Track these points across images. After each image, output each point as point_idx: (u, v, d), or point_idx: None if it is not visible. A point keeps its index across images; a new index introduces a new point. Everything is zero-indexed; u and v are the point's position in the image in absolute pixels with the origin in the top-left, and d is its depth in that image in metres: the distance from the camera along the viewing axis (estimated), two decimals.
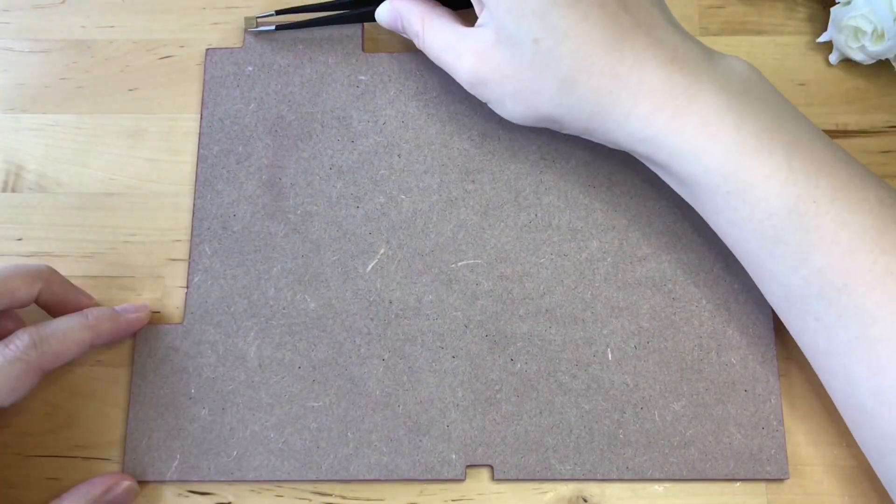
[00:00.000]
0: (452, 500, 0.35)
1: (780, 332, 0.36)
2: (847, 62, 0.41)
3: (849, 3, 0.38)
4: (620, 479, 0.35)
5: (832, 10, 0.39)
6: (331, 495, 0.35)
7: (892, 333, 0.29)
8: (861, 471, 0.35)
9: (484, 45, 0.34)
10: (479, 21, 0.35)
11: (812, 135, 0.31)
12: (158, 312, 0.37)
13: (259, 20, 0.40)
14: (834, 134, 0.40)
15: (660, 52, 0.31)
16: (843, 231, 0.29)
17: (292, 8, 0.41)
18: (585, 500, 0.35)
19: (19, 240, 0.39)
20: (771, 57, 0.41)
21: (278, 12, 0.40)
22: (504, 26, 0.33)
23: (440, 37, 0.36)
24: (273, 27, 0.40)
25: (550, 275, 0.37)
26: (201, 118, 0.40)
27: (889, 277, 0.29)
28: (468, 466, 0.35)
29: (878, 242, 0.29)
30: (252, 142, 0.39)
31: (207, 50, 0.41)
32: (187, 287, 0.37)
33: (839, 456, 0.35)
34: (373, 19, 0.39)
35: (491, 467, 0.35)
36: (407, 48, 0.41)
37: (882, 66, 0.40)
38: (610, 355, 0.36)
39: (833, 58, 0.40)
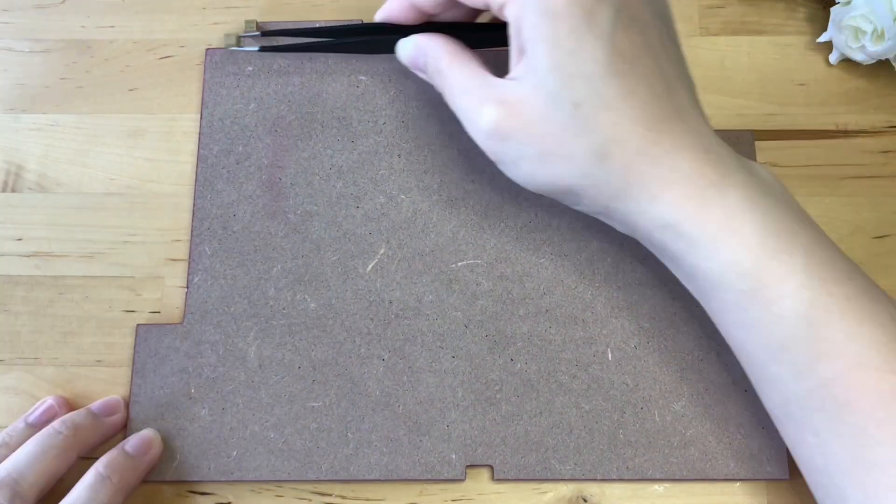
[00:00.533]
0: (452, 500, 0.35)
1: None
2: (847, 62, 0.41)
3: (849, 3, 0.38)
4: (620, 480, 0.35)
5: (832, 10, 0.39)
6: (331, 495, 0.35)
7: (891, 459, 0.28)
8: None
9: (515, 98, 0.31)
10: (513, 73, 0.32)
11: (828, 244, 0.31)
12: (158, 312, 0.37)
13: (243, 38, 0.40)
14: (834, 134, 0.40)
15: (695, 141, 0.31)
16: (852, 344, 0.28)
17: (280, 31, 0.40)
18: (585, 500, 0.35)
19: (19, 240, 0.39)
20: (771, 57, 0.41)
21: (265, 33, 0.40)
22: (546, 83, 0.30)
23: (466, 78, 0.33)
24: (257, 48, 0.40)
25: (550, 275, 0.37)
26: (201, 118, 0.40)
27: (894, 399, 0.28)
28: (468, 466, 0.35)
29: (887, 360, 0.28)
30: (252, 142, 0.39)
31: (207, 50, 0.41)
32: (187, 287, 0.37)
33: None
34: (365, 50, 0.39)
35: (491, 467, 0.35)
36: None
37: (882, 66, 0.40)
38: (610, 355, 0.36)
39: (833, 58, 0.40)
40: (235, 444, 0.35)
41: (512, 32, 0.32)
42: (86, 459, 0.34)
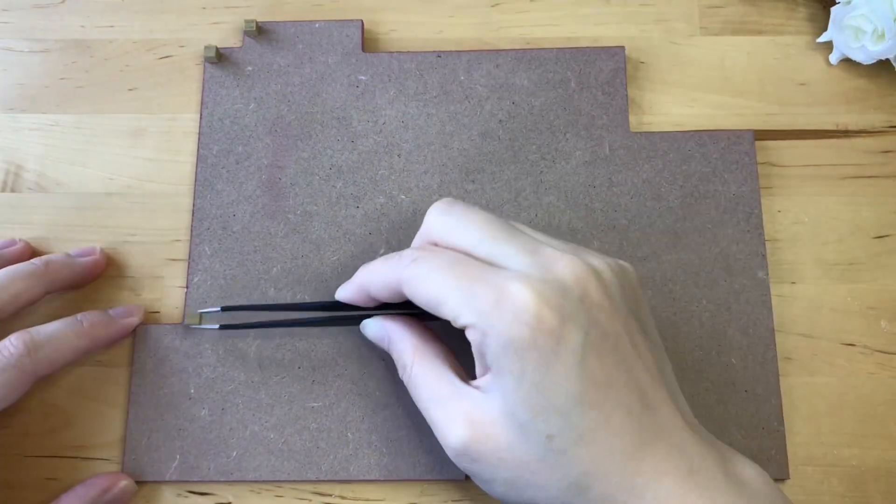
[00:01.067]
0: (452, 501, 0.35)
1: (780, 332, 0.36)
2: (847, 62, 0.41)
3: (849, 3, 0.38)
4: None
5: (832, 9, 0.39)
6: (331, 495, 0.35)
7: None
8: (862, 471, 0.35)
9: (483, 418, 0.29)
10: (480, 381, 0.30)
11: None
12: (158, 312, 0.37)
13: (203, 315, 0.36)
14: (834, 134, 0.40)
15: (679, 463, 0.28)
16: None
17: (245, 306, 0.36)
18: None
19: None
20: (771, 57, 0.41)
21: (225, 309, 0.36)
22: (515, 413, 0.28)
23: (430, 383, 0.31)
24: (216, 326, 0.36)
25: None
26: (201, 118, 0.40)
27: None
28: None
29: None
30: (252, 142, 0.39)
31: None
32: (187, 287, 0.37)
33: (839, 456, 0.35)
34: (330, 324, 0.36)
35: None
36: (407, 48, 0.41)
37: (882, 66, 0.40)
38: None
39: (833, 58, 0.40)
40: (235, 445, 0.35)
41: (474, 350, 0.29)
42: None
